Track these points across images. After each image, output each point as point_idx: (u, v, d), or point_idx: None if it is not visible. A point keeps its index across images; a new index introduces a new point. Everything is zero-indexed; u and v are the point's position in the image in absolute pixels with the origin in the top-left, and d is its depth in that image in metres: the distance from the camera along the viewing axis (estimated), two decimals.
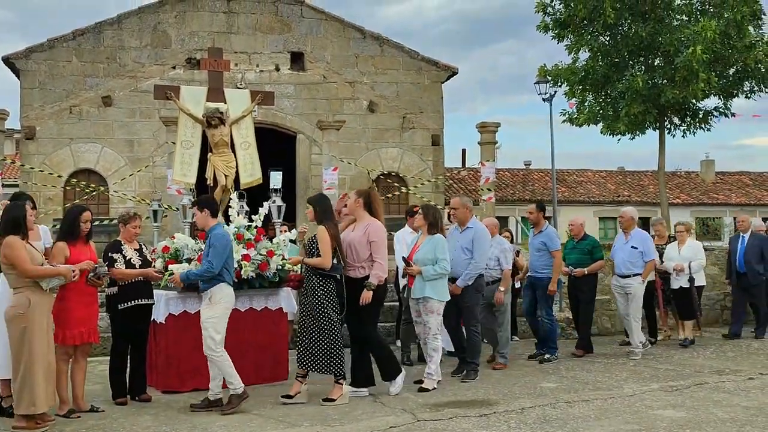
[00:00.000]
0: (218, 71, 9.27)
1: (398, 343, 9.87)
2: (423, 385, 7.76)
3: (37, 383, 6.17)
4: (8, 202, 7.12)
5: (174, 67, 19.39)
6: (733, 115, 18.43)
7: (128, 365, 7.58)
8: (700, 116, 18.43)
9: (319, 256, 7.18)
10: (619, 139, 18.97)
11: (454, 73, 21.39)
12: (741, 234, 11.99)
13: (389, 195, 18.19)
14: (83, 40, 19.14)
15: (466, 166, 32.74)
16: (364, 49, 20.61)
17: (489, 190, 17.07)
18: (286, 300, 8.77)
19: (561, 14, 17.85)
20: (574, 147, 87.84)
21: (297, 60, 20.20)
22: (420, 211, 8.28)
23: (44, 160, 18.65)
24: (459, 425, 6.34)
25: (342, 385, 7.25)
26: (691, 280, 10.78)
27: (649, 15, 17.29)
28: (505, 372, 8.88)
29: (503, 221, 23.72)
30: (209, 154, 8.92)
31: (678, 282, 10.85)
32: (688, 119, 18.51)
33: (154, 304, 7.69)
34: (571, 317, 11.92)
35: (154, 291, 7.75)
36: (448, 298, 8.03)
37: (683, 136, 18.68)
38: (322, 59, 20.29)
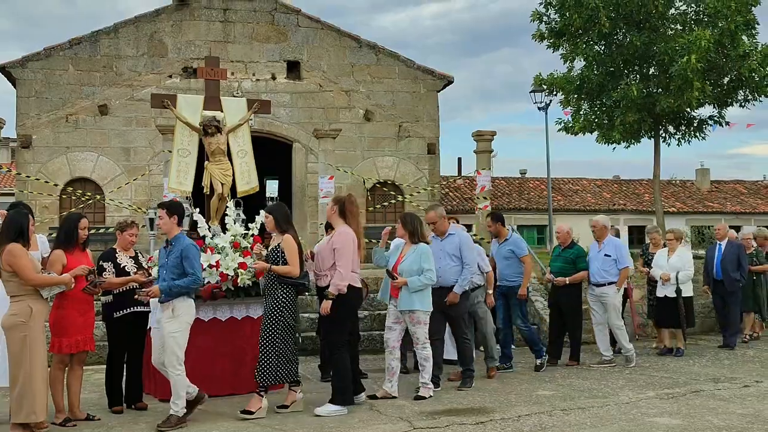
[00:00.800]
0: (215, 80, 9.29)
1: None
2: (419, 393, 7.76)
3: (38, 392, 6.17)
4: (5, 211, 7.14)
5: (170, 76, 19.44)
6: (727, 123, 18.51)
7: (124, 373, 7.57)
8: (695, 125, 18.50)
9: (285, 264, 7.13)
10: (614, 148, 19.05)
11: (450, 82, 21.46)
12: (718, 242, 11.92)
13: (385, 203, 18.20)
14: (80, 49, 19.19)
15: (462, 174, 32.80)
16: (360, 58, 20.68)
17: (485, 198, 17.10)
18: None
19: (556, 23, 17.93)
20: (570, 155, 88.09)
21: (293, 69, 20.26)
22: (399, 220, 8.21)
23: (40, 168, 18.65)
24: None
25: (295, 391, 7.23)
26: (678, 291, 10.60)
27: (644, 24, 17.38)
28: (501, 380, 8.88)
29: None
30: (206, 162, 8.94)
31: (663, 290, 10.73)
32: (683, 128, 18.58)
33: (150, 311, 7.68)
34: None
35: (151, 299, 7.73)
36: (432, 308, 7.96)
37: (678, 145, 18.78)
38: (318, 68, 20.34)
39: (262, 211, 7.61)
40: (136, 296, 6.97)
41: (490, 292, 9.13)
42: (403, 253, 8.02)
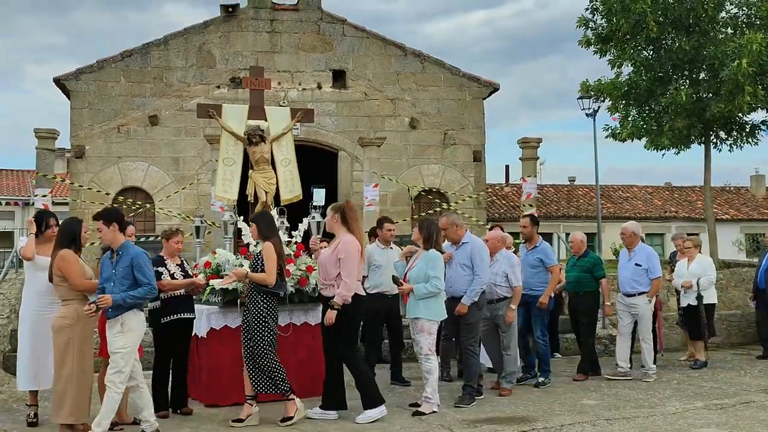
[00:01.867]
0: (259, 89, 9.42)
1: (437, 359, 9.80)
2: (420, 409, 7.42)
3: (78, 393, 6.35)
4: (32, 219, 7.40)
5: (218, 87, 19.75)
6: None
7: (170, 378, 7.70)
8: (747, 130, 18.08)
9: (263, 272, 6.99)
10: (663, 154, 18.73)
11: (496, 89, 21.38)
12: (766, 249, 11.61)
13: (430, 212, 18.18)
14: (131, 61, 19.62)
15: (510, 182, 32.60)
16: (405, 66, 20.74)
17: (530, 206, 16.96)
18: None
19: (603, 29, 17.71)
20: (620, 162, 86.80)
21: (339, 78, 20.41)
22: (417, 225, 7.95)
23: (93, 178, 19.10)
24: None
25: (294, 400, 7.04)
26: (699, 297, 10.25)
27: (693, 28, 17.07)
28: (546, 389, 8.79)
29: (546, 237, 23.55)
30: (250, 171, 9.06)
31: (686, 299, 10.46)
32: (735, 133, 18.17)
33: (195, 318, 7.81)
34: (613, 335, 11.75)
35: (196, 306, 7.89)
36: (443, 317, 7.72)
37: (730, 151, 18.35)
38: (363, 77, 20.46)
39: (250, 220, 7.49)
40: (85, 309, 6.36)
41: (513, 307, 8.53)
42: (416, 259, 7.82)
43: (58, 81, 19.51)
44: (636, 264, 9.49)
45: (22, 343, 7.01)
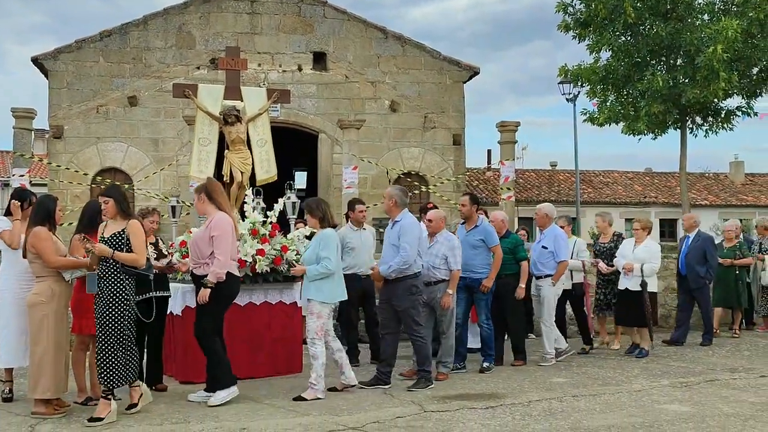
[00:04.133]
0: (235, 70, 9.44)
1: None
2: (301, 395, 7.16)
3: (54, 369, 6.41)
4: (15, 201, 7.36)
5: (198, 68, 19.73)
6: (755, 114, 18.30)
7: (145, 355, 7.76)
8: (722, 116, 18.31)
9: (129, 251, 6.41)
10: (639, 139, 18.95)
11: (476, 73, 21.48)
12: (687, 234, 11.18)
13: (409, 194, 18.24)
14: (110, 41, 19.55)
15: (491, 166, 32.77)
16: (386, 49, 20.78)
17: (509, 189, 17.11)
18: (300, 294, 8.90)
19: (581, 14, 17.84)
20: (602, 149, 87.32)
21: (319, 60, 20.43)
22: (305, 208, 7.62)
23: (71, 158, 19.06)
24: (464, 416, 6.43)
25: (139, 386, 6.61)
26: (644, 284, 9.64)
27: (670, 14, 17.25)
28: (517, 368, 8.92)
29: (527, 222, 23.71)
30: (226, 151, 9.11)
31: (625, 283, 9.76)
32: (710, 119, 18.40)
33: (170, 296, 7.87)
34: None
35: (171, 284, 7.95)
36: (340, 299, 7.51)
37: (705, 136, 18.61)
38: (344, 59, 20.49)
39: (100, 197, 6.81)
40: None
41: (450, 292, 8.16)
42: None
43: (36, 60, 19.38)
44: (543, 246, 9.27)
45: (2, 321, 7.02)
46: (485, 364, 8.67)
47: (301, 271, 7.36)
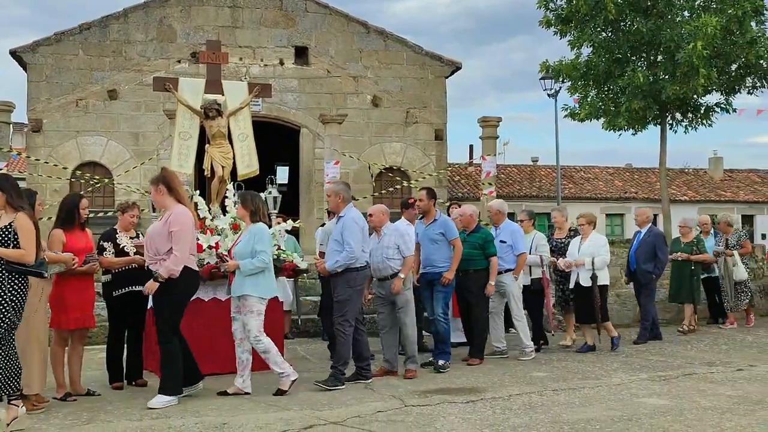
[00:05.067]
0: (216, 63, 9.41)
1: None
2: (280, 387, 7.10)
3: (33, 365, 6.36)
4: None
5: (179, 61, 19.63)
6: (734, 110, 18.47)
7: (125, 351, 7.73)
8: (702, 112, 18.45)
9: (17, 247, 5.86)
10: (620, 135, 19.08)
11: (458, 68, 21.51)
12: (638, 229, 11.04)
13: (391, 189, 18.30)
14: (89, 34, 19.40)
15: (473, 161, 32.84)
16: (368, 44, 20.77)
17: (490, 184, 17.15)
18: (282, 289, 8.90)
19: (563, 10, 17.91)
20: (583, 144, 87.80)
21: (301, 54, 20.39)
22: (240, 200, 7.42)
23: (51, 152, 18.91)
24: (445, 410, 6.46)
25: (17, 406, 5.89)
26: (594, 278, 9.57)
27: (651, 11, 17.34)
28: (498, 362, 8.97)
29: (509, 217, 23.77)
30: (207, 145, 9.07)
31: (574, 278, 9.76)
32: (690, 115, 18.54)
33: None
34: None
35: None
36: (272, 294, 7.35)
37: (685, 132, 18.77)
38: (326, 54, 20.45)
39: None
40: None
41: (402, 276, 7.96)
42: (240, 234, 7.32)
43: (14, 53, 19.19)
44: (501, 241, 9.19)
45: None
46: (440, 362, 8.39)
47: (234, 266, 7.09)
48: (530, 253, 9.71)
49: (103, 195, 18.81)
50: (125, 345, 7.75)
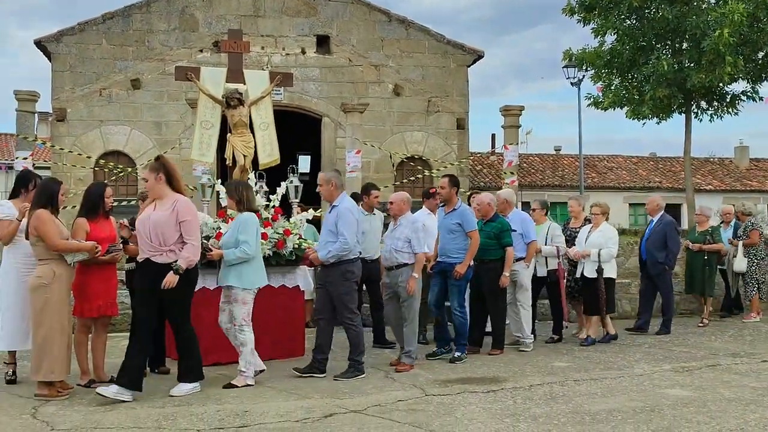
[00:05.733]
0: (238, 52, 9.42)
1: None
2: (231, 382, 6.96)
3: (57, 351, 6.44)
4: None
5: (201, 51, 19.68)
6: (761, 99, 18.20)
7: None
8: (728, 100, 18.21)
9: None
10: (644, 123, 18.89)
11: (480, 57, 21.38)
12: (651, 218, 10.78)
13: (412, 178, 18.27)
14: (112, 24, 19.49)
15: (495, 150, 32.70)
16: (389, 33, 20.69)
17: (512, 173, 17.07)
18: (303, 278, 8.91)
19: None
20: (606, 133, 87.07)
21: (323, 43, 20.36)
22: (225, 189, 7.32)
23: (75, 141, 19.06)
24: (466, 400, 6.45)
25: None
26: (600, 270, 9.39)
27: None
28: (519, 352, 8.94)
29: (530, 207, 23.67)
30: (228, 134, 9.09)
31: (581, 270, 9.61)
32: (716, 103, 18.30)
33: None
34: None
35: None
36: (258, 285, 7.18)
37: (710, 121, 18.51)
38: (347, 42, 20.40)
39: None
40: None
41: (416, 276, 7.80)
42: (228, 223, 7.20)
43: (39, 43, 19.34)
44: (512, 230, 8.96)
45: (5, 304, 7.04)
46: (456, 354, 8.31)
47: (219, 255, 7.06)
48: (546, 244, 9.59)
49: (126, 184, 18.95)
50: None
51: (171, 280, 6.44)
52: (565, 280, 9.80)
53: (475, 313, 8.92)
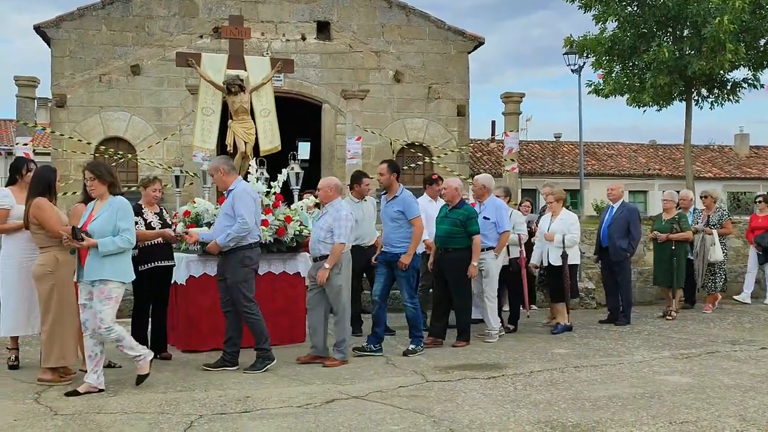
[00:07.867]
0: (238, 39, 9.41)
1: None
2: (139, 373, 6.45)
3: (67, 337, 6.50)
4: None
5: (201, 36, 19.62)
6: (761, 86, 18.19)
7: (150, 325, 7.83)
8: (728, 88, 18.19)
9: None
10: (644, 111, 18.88)
11: (481, 43, 21.33)
12: (610, 204, 10.45)
13: (412, 165, 18.26)
14: (112, 9, 19.43)
15: (495, 137, 32.66)
16: (390, 19, 20.63)
17: (512, 160, 17.04)
18: (304, 265, 8.92)
19: None
20: (606, 120, 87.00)
21: (323, 29, 20.30)
22: (89, 171, 6.32)
23: (75, 127, 19.04)
24: (466, 386, 6.48)
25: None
26: (564, 256, 9.24)
27: None
28: (518, 338, 8.98)
29: (531, 193, 23.69)
30: (229, 121, 9.10)
31: (546, 258, 9.45)
32: (716, 91, 18.29)
33: (174, 265, 7.90)
34: (589, 287, 11.86)
35: (176, 254, 7.97)
36: (131, 278, 6.43)
37: (711, 108, 18.50)
38: (348, 29, 20.34)
39: None
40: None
41: (327, 266, 7.34)
42: (95, 209, 6.31)
43: (38, 28, 19.28)
44: (485, 217, 8.77)
45: (6, 290, 7.05)
46: (411, 347, 7.98)
47: (93, 244, 6.07)
48: None
49: (126, 170, 18.94)
50: (150, 319, 7.84)
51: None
52: (525, 269, 9.61)
53: (437, 304, 8.65)
